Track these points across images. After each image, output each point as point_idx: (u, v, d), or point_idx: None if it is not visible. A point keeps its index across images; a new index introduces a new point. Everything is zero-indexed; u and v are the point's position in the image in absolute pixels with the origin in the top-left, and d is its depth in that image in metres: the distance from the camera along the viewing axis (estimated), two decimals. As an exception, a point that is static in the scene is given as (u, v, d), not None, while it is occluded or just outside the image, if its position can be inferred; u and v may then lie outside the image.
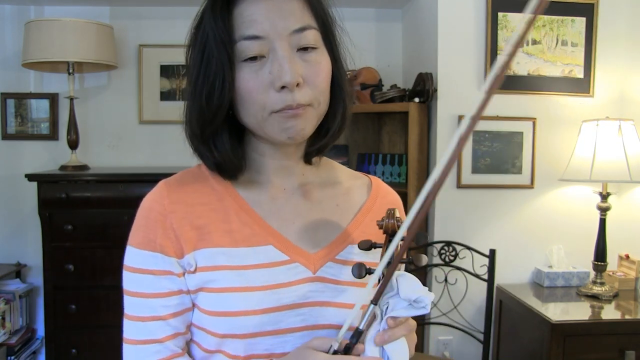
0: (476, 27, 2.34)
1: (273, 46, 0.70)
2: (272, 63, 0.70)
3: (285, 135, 0.73)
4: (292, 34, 0.71)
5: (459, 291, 2.32)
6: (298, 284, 0.75)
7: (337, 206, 0.84)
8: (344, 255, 0.80)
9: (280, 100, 0.70)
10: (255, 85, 0.71)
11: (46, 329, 2.40)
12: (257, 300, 0.73)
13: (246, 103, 0.72)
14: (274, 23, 0.70)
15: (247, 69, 0.71)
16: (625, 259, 2.36)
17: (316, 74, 0.73)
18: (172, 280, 0.74)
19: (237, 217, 0.77)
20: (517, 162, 2.38)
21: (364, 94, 2.64)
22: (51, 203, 2.34)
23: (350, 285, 0.78)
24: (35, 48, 2.38)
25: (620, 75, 2.42)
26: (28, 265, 2.77)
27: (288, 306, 0.74)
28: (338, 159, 0.96)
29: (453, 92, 2.35)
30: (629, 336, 1.96)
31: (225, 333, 0.73)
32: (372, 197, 0.87)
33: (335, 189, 0.86)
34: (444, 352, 2.42)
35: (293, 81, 0.69)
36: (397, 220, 0.72)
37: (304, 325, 0.75)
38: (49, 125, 2.77)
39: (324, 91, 0.75)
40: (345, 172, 0.91)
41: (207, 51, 0.72)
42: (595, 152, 2.11)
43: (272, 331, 0.73)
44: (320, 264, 0.77)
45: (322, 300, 0.76)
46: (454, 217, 2.38)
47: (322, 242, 0.79)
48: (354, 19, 2.89)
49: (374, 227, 0.77)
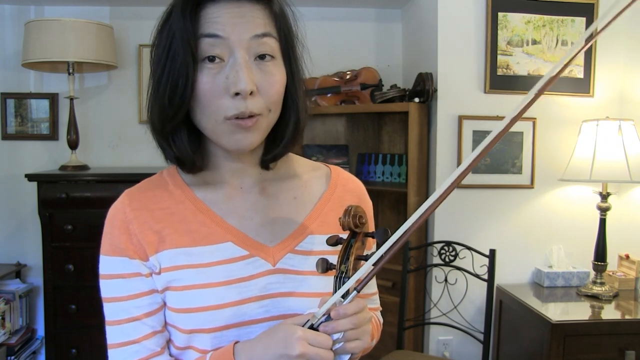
0: (476, 27, 2.34)
1: (232, 51, 0.72)
2: (230, 68, 0.72)
3: (234, 146, 0.76)
4: (252, 38, 0.73)
5: (459, 291, 2.33)
6: (259, 277, 0.78)
7: (294, 199, 0.86)
8: (304, 245, 0.82)
9: (233, 107, 0.72)
10: (212, 88, 0.72)
11: (46, 329, 2.40)
12: (219, 296, 0.76)
13: (202, 105, 0.74)
14: (235, 26, 0.72)
15: (206, 72, 0.73)
16: (625, 259, 2.36)
17: (270, 85, 0.75)
18: (142, 281, 0.78)
19: (195, 217, 0.80)
20: (517, 162, 2.38)
21: (364, 94, 2.64)
22: (51, 203, 2.34)
23: (312, 275, 0.80)
24: (35, 48, 2.38)
25: (620, 75, 2.42)
26: (28, 265, 2.77)
27: (250, 299, 0.77)
28: (338, 159, 0.97)
29: (453, 92, 2.35)
30: (629, 336, 1.96)
31: (192, 329, 0.76)
32: (332, 186, 0.89)
33: (292, 182, 0.88)
34: (444, 352, 2.42)
35: (247, 89, 0.71)
36: (354, 218, 0.72)
37: (268, 316, 0.78)
38: (49, 125, 2.77)
39: (276, 102, 0.77)
40: (304, 164, 0.93)
41: (172, 49, 0.73)
42: (595, 152, 2.11)
43: (237, 323, 0.76)
44: (279, 256, 0.80)
45: (283, 291, 0.79)
46: (454, 217, 2.38)
47: (280, 235, 0.82)
48: (354, 19, 2.89)
49: (334, 216, 0.81)
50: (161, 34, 0.76)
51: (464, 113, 2.35)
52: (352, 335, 0.69)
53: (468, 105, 2.35)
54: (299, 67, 0.82)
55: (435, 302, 2.33)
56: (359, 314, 0.70)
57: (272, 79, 0.75)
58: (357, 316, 0.69)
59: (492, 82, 2.34)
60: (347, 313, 0.68)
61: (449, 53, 2.34)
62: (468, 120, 2.34)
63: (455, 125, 2.35)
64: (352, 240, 0.74)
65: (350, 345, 0.70)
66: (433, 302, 2.35)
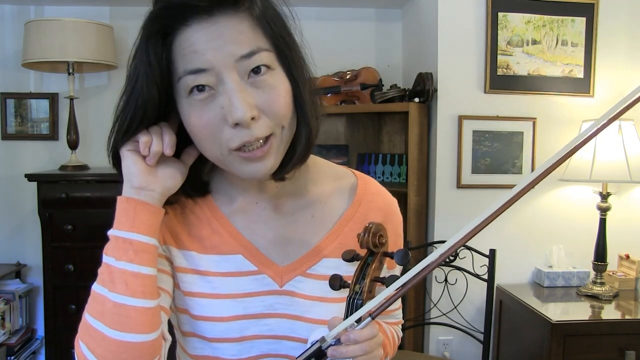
0: (476, 27, 2.34)
1: (220, 78, 0.63)
2: (222, 96, 0.64)
3: (249, 176, 0.69)
4: (240, 60, 0.63)
5: (459, 291, 2.32)
6: (264, 295, 0.75)
7: (312, 217, 0.80)
8: (317, 269, 0.77)
9: (236, 137, 0.64)
10: (208, 121, 0.64)
11: (46, 329, 2.40)
12: (223, 308, 0.73)
13: (201, 141, 0.67)
14: (217, 52, 0.62)
15: (197, 104, 0.64)
16: (625, 259, 2.36)
17: (273, 101, 0.65)
18: (159, 262, 0.73)
19: (209, 224, 0.77)
20: (517, 162, 2.38)
21: (364, 94, 2.64)
22: (51, 203, 2.34)
23: (320, 301, 0.76)
24: (35, 48, 2.38)
25: (620, 75, 2.41)
26: (28, 265, 2.77)
27: (254, 315, 0.74)
28: (338, 159, 0.95)
29: (453, 92, 2.34)
30: (629, 336, 1.96)
31: (191, 332, 0.74)
32: (356, 203, 0.81)
33: (311, 197, 0.80)
34: (444, 352, 2.42)
35: (246, 117, 0.62)
36: (373, 236, 0.67)
37: (271, 334, 0.75)
38: (49, 125, 2.77)
39: (285, 116, 0.67)
40: (327, 172, 0.84)
41: (133, 94, 0.65)
42: (595, 152, 2.11)
43: (237, 338, 0.74)
44: (288, 278, 0.76)
45: (290, 313, 0.75)
46: (454, 217, 2.38)
47: (293, 256, 0.77)
48: (354, 19, 2.89)
49: (354, 237, 0.71)
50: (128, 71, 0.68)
51: (464, 113, 2.35)
52: None
53: (468, 105, 2.35)
54: (303, 71, 0.71)
55: (435, 302, 2.33)
56: (371, 340, 0.64)
57: (274, 94, 0.65)
58: (368, 343, 0.64)
59: (492, 82, 2.34)
60: (357, 340, 0.63)
61: (449, 53, 2.34)
62: (468, 120, 2.34)
63: (455, 125, 2.35)
64: (369, 259, 0.68)
65: None
66: (433, 302, 2.34)
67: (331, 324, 0.65)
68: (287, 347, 0.76)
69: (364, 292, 0.66)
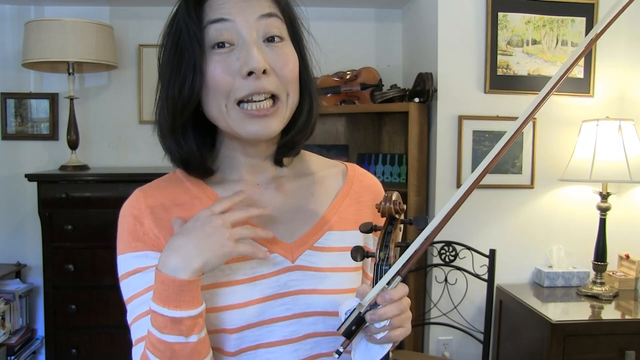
0: (476, 27, 2.34)
1: (240, 33, 0.71)
2: (240, 49, 0.71)
3: (252, 135, 0.74)
4: (259, 19, 0.72)
5: (459, 291, 2.32)
6: (278, 274, 0.76)
7: (312, 195, 0.84)
8: (323, 242, 0.80)
9: (245, 87, 0.71)
10: (223, 71, 0.71)
11: (46, 329, 2.40)
12: (240, 294, 0.74)
13: (212, 91, 0.72)
14: (241, 9, 0.72)
15: (217, 57, 0.72)
16: (625, 259, 2.36)
17: (283, 64, 0.73)
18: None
19: None
20: (517, 162, 2.38)
21: (364, 94, 2.64)
22: (51, 203, 2.34)
23: (332, 272, 0.79)
24: (35, 48, 2.38)
25: (620, 75, 2.42)
26: (28, 265, 2.77)
27: (271, 297, 0.75)
28: (338, 159, 0.96)
29: (453, 92, 2.34)
30: (629, 336, 1.96)
31: (215, 328, 0.73)
32: (348, 182, 0.88)
33: (308, 178, 0.86)
34: (444, 352, 2.42)
35: (260, 66, 0.69)
36: (394, 204, 0.71)
37: (290, 314, 0.76)
38: (49, 125, 2.77)
39: (292, 82, 0.75)
40: (320, 162, 0.91)
41: (180, 43, 0.73)
42: (595, 152, 2.11)
43: (259, 322, 0.74)
44: (298, 253, 0.78)
45: (304, 288, 0.77)
46: (454, 217, 2.36)
47: (299, 232, 0.80)
48: (354, 19, 2.89)
49: (352, 211, 0.83)
50: (169, 33, 0.76)
51: (464, 113, 2.35)
52: (397, 322, 0.68)
53: (468, 105, 2.35)
54: (307, 52, 0.82)
55: (435, 302, 2.33)
56: (403, 299, 0.69)
57: (284, 58, 0.73)
58: (401, 301, 0.68)
59: (492, 82, 2.34)
60: (393, 298, 0.67)
61: (449, 53, 2.34)
62: (468, 120, 2.34)
63: (455, 125, 2.35)
64: (389, 227, 0.72)
65: (395, 334, 0.68)
66: (433, 302, 2.35)
67: (360, 292, 0.69)
68: (307, 324, 0.76)
69: (390, 257, 0.69)
